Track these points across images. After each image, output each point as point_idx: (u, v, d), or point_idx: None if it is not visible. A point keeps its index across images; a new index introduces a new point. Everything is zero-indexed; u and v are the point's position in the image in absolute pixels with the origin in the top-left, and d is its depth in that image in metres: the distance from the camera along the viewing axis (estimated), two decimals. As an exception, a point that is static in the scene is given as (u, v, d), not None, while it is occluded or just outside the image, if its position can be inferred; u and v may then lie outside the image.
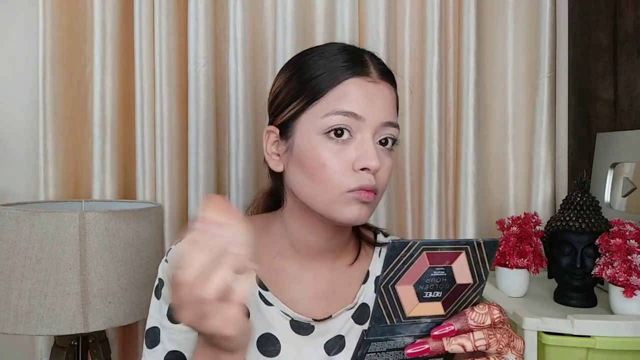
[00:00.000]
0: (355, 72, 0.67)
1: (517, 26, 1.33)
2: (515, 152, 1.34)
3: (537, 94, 1.33)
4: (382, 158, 0.67)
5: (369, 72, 0.68)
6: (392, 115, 0.69)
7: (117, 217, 1.01)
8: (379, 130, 0.67)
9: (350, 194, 0.65)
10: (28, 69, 1.31)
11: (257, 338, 0.71)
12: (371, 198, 0.66)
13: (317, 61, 0.70)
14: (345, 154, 0.65)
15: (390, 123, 0.68)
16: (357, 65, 0.68)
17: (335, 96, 0.66)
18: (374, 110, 0.66)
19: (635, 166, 1.09)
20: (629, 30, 1.12)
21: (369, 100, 0.66)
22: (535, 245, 1.06)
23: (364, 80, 0.67)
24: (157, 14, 1.25)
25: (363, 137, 0.66)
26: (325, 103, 0.67)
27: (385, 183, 0.69)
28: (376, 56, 0.73)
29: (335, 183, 0.65)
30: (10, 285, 0.96)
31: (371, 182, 0.65)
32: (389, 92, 0.69)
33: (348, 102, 0.66)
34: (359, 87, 0.67)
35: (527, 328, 0.91)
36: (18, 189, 1.34)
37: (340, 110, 0.65)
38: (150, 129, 1.27)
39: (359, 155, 0.65)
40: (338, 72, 0.67)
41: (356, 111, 0.65)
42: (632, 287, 0.89)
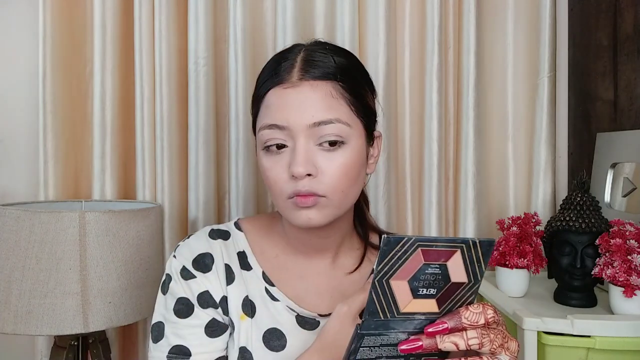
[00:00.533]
0: (273, 82, 0.69)
1: (517, 26, 1.33)
2: (515, 152, 1.34)
3: (537, 94, 1.33)
4: (324, 159, 0.67)
5: (286, 78, 0.68)
6: (321, 114, 0.66)
7: (117, 217, 1.01)
8: (311, 133, 0.66)
9: (289, 201, 0.67)
10: (28, 69, 1.31)
11: (263, 333, 0.72)
12: (311, 202, 0.66)
13: (260, 76, 0.73)
14: (281, 162, 0.67)
15: (321, 122, 0.66)
16: (277, 73, 0.69)
17: (263, 110, 0.70)
18: (295, 116, 0.66)
19: (635, 166, 1.09)
20: (629, 30, 1.12)
21: (288, 108, 0.67)
22: (535, 245, 1.06)
23: (281, 88, 0.68)
24: (157, 14, 1.25)
25: (293, 144, 0.67)
26: (259, 118, 0.71)
27: (338, 183, 0.67)
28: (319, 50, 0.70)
29: (277, 192, 0.68)
30: (10, 285, 0.96)
31: (304, 187, 0.65)
32: (311, 92, 0.67)
33: (270, 115, 0.68)
34: (277, 97, 0.68)
35: (527, 328, 0.91)
36: (18, 189, 1.34)
37: (264, 124, 0.68)
38: (150, 129, 1.27)
39: (289, 163, 0.66)
40: (263, 86, 0.70)
41: (277, 122, 0.67)
42: (632, 287, 0.89)
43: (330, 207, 0.68)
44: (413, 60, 1.32)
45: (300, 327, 0.73)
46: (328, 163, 0.66)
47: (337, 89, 0.68)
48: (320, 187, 0.66)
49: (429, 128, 1.29)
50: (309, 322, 0.73)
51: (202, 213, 1.28)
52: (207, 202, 1.28)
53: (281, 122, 0.66)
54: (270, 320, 0.73)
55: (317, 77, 0.67)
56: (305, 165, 0.65)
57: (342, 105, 0.68)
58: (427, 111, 1.29)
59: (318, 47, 0.71)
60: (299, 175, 0.65)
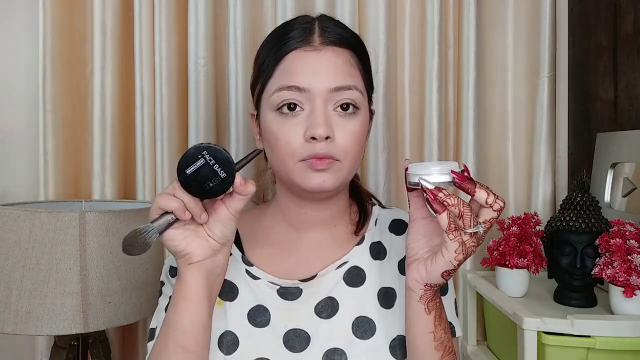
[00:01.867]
0: (295, 44, 0.69)
1: (517, 26, 1.33)
2: (515, 152, 1.34)
3: (537, 94, 1.33)
4: (340, 124, 0.68)
5: (310, 41, 0.69)
6: (342, 79, 0.68)
7: (117, 217, 1.01)
8: (330, 98, 0.68)
9: (302, 163, 0.68)
10: (28, 69, 1.31)
11: (247, 311, 0.73)
12: (326, 164, 0.67)
13: (270, 41, 0.74)
14: (296, 126, 0.68)
15: (340, 87, 0.68)
16: (298, 37, 0.69)
17: (280, 72, 0.69)
18: (318, 79, 0.67)
19: (635, 166, 1.09)
20: (629, 30, 1.12)
21: (311, 70, 0.68)
22: (535, 245, 1.07)
23: (303, 50, 0.69)
24: (157, 14, 1.25)
25: (312, 107, 0.67)
26: (273, 81, 0.70)
27: (351, 148, 0.69)
28: (332, 21, 0.73)
29: (288, 154, 0.68)
30: (10, 285, 0.96)
31: (322, 150, 0.66)
32: (334, 57, 0.69)
33: (290, 76, 0.68)
34: (299, 59, 0.69)
35: (527, 328, 0.91)
36: (18, 189, 1.34)
37: (283, 85, 0.68)
38: (150, 129, 1.27)
39: (307, 125, 0.67)
40: (281, 48, 0.70)
41: (298, 84, 0.67)
42: (632, 287, 0.89)
43: (341, 172, 0.69)
44: (413, 60, 1.32)
45: (283, 298, 0.73)
46: (342, 128, 0.68)
47: (354, 57, 0.71)
48: (336, 150, 0.67)
49: (429, 128, 1.29)
50: (291, 292, 0.74)
51: (202, 213, 1.27)
52: (207, 202, 1.28)
53: (302, 84, 0.67)
54: (254, 299, 0.74)
55: (338, 43, 0.70)
56: (325, 127, 0.66)
57: (357, 74, 0.71)
58: (427, 111, 1.29)
59: (329, 18, 0.74)
60: (319, 137, 0.66)
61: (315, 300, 0.73)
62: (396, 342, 0.71)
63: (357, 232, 0.78)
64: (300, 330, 0.71)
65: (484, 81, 1.33)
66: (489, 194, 0.57)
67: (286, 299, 0.73)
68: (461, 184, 0.58)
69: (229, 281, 0.75)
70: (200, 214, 0.60)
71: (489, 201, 0.57)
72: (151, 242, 0.60)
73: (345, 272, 0.75)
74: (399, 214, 0.82)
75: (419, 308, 0.64)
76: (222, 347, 0.71)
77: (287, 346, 0.70)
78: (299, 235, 0.78)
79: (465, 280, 1.24)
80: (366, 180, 1.28)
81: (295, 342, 0.70)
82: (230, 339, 0.71)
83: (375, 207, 0.83)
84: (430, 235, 0.63)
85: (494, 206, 0.58)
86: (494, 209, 0.58)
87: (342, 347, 0.70)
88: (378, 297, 0.74)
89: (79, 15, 1.29)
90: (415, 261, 0.63)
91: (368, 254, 0.77)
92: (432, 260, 0.61)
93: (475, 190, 0.57)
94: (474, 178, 0.59)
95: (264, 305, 0.73)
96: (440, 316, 0.65)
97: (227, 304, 0.74)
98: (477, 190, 0.57)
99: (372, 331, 0.71)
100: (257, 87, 0.74)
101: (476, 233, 0.58)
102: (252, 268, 0.76)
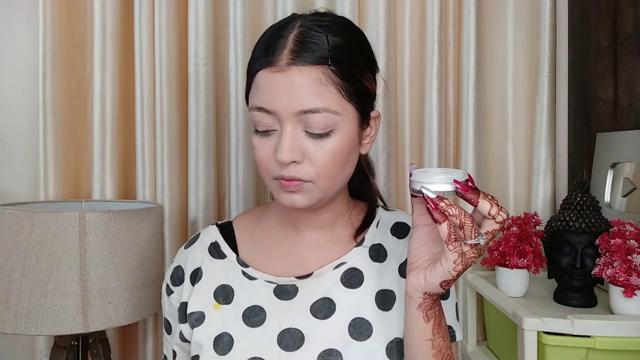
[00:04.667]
0: (262, 62, 0.66)
1: (517, 26, 1.33)
2: (515, 152, 1.34)
3: (537, 94, 1.33)
4: (312, 145, 0.65)
5: (275, 61, 0.65)
6: (308, 102, 0.64)
7: (117, 217, 1.01)
8: (300, 120, 0.65)
9: (275, 181, 0.68)
10: (28, 69, 1.31)
11: (242, 312, 0.73)
12: (294, 187, 0.66)
13: (253, 51, 0.71)
14: (269, 144, 0.67)
15: (307, 111, 0.64)
16: (266, 55, 0.66)
17: (253, 89, 0.69)
18: (282, 102, 0.64)
19: (635, 166, 1.09)
20: (629, 30, 1.12)
21: (275, 93, 0.65)
22: (535, 245, 1.06)
23: (269, 71, 0.65)
24: (157, 14, 1.25)
25: (281, 129, 0.66)
26: (250, 97, 0.70)
27: (326, 168, 0.66)
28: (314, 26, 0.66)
29: (264, 171, 0.69)
30: (10, 285, 0.96)
31: (288, 173, 0.66)
32: (299, 78, 0.64)
33: (259, 97, 0.67)
34: (265, 80, 0.66)
35: (527, 328, 0.91)
36: (18, 189, 1.34)
37: (253, 105, 0.68)
38: (150, 129, 1.27)
39: (276, 147, 0.66)
40: (253, 65, 0.69)
41: (265, 106, 0.66)
42: (632, 287, 0.89)
43: (315, 191, 0.68)
44: (413, 60, 1.32)
45: (279, 298, 0.73)
46: (315, 149, 0.66)
47: (328, 74, 0.65)
48: (305, 173, 0.66)
49: (429, 128, 1.29)
50: (287, 291, 0.73)
51: (202, 213, 1.28)
52: (207, 202, 1.28)
53: (268, 106, 0.66)
54: (249, 299, 0.74)
55: (306, 62, 0.64)
56: (289, 153, 0.65)
57: (331, 92, 0.65)
58: (427, 111, 1.29)
59: (314, 24, 0.67)
60: (282, 163, 0.65)
61: (311, 300, 0.73)
62: (393, 344, 0.70)
63: (357, 234, 0.77)
64: (294, 329, 0.71)
65: (484, 81, 1.33)
66: (492, 205, 0.56)
67: (282, 299, 0.73)
68: (464, 194, 0.57)
69: (226, 284, 0.75)
70: None
71: (492, 212, 0.56)
72: None
73: (343, 274, 0.74)
74: (401, 217, 0.81)
75: (417, 316, 0.63)
76: (218, 348, 0.71)
77: (281, 345, 0.70)
78: (298, 235, 0.77)
79: (465, 280, 1.24)
80: (366, 180, 1.28)
81: (289, 342, 0.70)
82: (226, 339, 0.71)
83: (378, 209, 0.82)
84: (432, 243, 0.63)
85: (497, 218, 0.57)
86: (496, 221, 0.57)
87: (337, 348, 0.69)
88: (376, 299, 0.73)
89: (79, 15, 1.29)
90: (416, 269, 0.62)
91: (367, 255, 0.76)
92: (432, 269, 0.60)
93: (478, 201, 0.56)
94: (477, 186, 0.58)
95: (259, 305, 0.73)
96: (440, 324, 0.64)
97: (224, 307, 0.74)
98: (481, 201, 0.56)
99: (368, 333, 0.70)
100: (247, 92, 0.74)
101: (477, 244, 0.57)
102: (247, 269, 0.76)
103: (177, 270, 0.80)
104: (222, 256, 0.78)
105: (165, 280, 0.82)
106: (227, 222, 0.84)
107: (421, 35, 1.31)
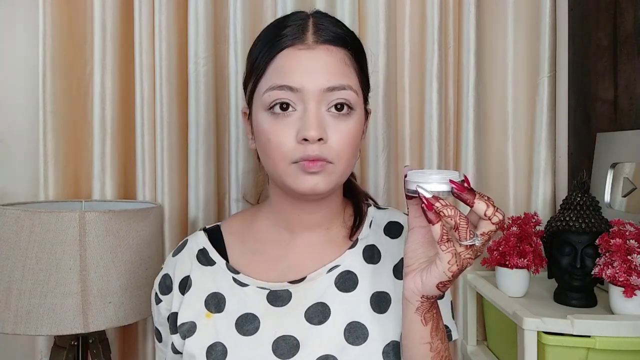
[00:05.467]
0: (287, 42, 0.67)
1: (517, 26, 1.33)
2: (515, 152, 1.34)
3: (537, 94, 1.33)
4: (333, 125, 0.66)
5: (303, 39, 0.67)
6: (336, 79, 0.66)
7: (117, 217, 1.01)
8: (323, 98, 0.66)
9: (294, 166, 0.66)
10: (28, 69, 1.31)
11: (235, 320, 0.72)
12: (318, 167, 0.65)
13: (262, 38, 0.71)
14: (288, 126, 0.66)
15: (334, 87, 0.66)
16: (291, 34, 0.67)
17: (272, 71, 0.67)
18: (310, 79, 0.65)
19: (635, 166, 1.09)
20: (629, 30, 1.12)
21: (303, 70, 0.66)
22: (535, 245, 1.06)
23: (296, 49, 0.66)
24: (157, 14, 1.25)
25: (304, 108, 0.66)
26: (265, 79, 0.68)
27: (345, 150, 0.67)
28: (327, 19, 0.71)
29: (279, 156, 0.66)
30: (10, 285, 0.96)
31: (314, 152, 0.65)
32: (328, 56, 0.67)
33: (282, 76, 0.66)
34: (291, 58, 0.66)
35: (527, 328, 0.91)
36: (18, 189, 1.33)
37: (275, 84, 0.66)
38: (150, 129, 1.27)
39: (299, 127, 0.65)
40: (274, 46, 0.68)
41: (290, 83, 0.65)
42: (632, 287, 0.89)
43: (335, 174, 0.68)
44: (413, 60, 1.32)
45: (272, 305, 0.72)
46: (336, 129, 0.66)
47: (349, 56, 0.69)
48: (329, 153, 0.66)
49: (429, 128, 1.29)
50: (281, 297, 0.72)
51: (202, 213, 1.28)
52: (207, 202, 1.28)
53: (294, 83, 0.65)
54: (241, 307, 0.73)
55: (332, 42, 0.68)
56: (318, 129, 0.64)
57: (351, 73, 0.69)
58: (427, 111, 1.29)
59: (324, 15, 0.71)
60: (311, 139, 0.64)
61: (305, 306, 0.72)
62: (390, 347, 0.69)
63: (351, 235, 0.77)
64: (289, 336, 0.70)
65: (484, 81, 1.33)
66: (488, 205, 0.56)
67: (275, 306, 0.72)
68: (460, 194, 0.56)
69: (216, 292, 0.74)
70: None
71: (487, 213, 0.56)
72: None
73: (337, 277, 0.73)
74: (394, 216, 0.80)
75: (415, 319, 0.62)
76: (211, 358, 0.70)
77: (276, 353, 0.69)
78: (291, 237, 0.76)
79: (465, 280, 1.24)
80: (366, 180, 1.28)
81: (285, 349, 0.69)
82: (220, 349, 0.70)
83: (370, 208, 0.81)
84: (427, 245, 0.62)
85: (493, 219, 0.56)
86: (492, 222, 0.56)
87: (334, 354, 0.68)
88: (371, 302, 0.72)
89: (79, 15, 1.29)
90: (412, 272, 0.62)
91: (361, 257, 0.75)
92: (428, 271, 0.59)
93: (474, 201, 0.56)
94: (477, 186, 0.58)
95: (252, 312, 0.72)
96: (437, 327, 0.64)
97: (216, 315, 0.73)
98: (476, 201, 0.56)
99: (364, 337, 0.69)
100: (249, 84, 0.73)
101: (472, 245, 0.56)
102: (238, 275, 0.75)
103: (165, 278, 0.79)
104: (211, 263, 0.77)
105: (153, 288, 0.81)
106: (215, 227, 0.82)
107: (421, 35, 1.31)
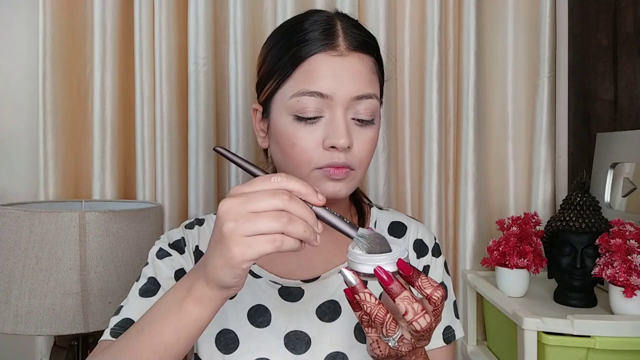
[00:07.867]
0: (320, 47, 0.66)
1: (517, 26, 1.33)
2: (515, 152, 1.34)
3: (537, 94, 1.33)
4: (357, 133, 0.67)
5: (336, 46, 0.66)
6: (365, 88, 0.66)
7: (117, 217, 1.01)
8: (351, 106, 0.66)
9: (318, 171, 0.66)
10: (28, 69, 1.31)
11: (247, 310, 0.72)
12: (343, 174, 0.66)
13: (285, 36, 0.69)
14: (315, 132, 0.65)
15: (363, 96, 0.66)
16: (324, 39, 0.66)
17: (302, 74, 0.66)
18: (342, 87, 0.65)
19: (635, 166, 1.09)
20: (629, 30, 1.12)
21: (335, 77, 0.65)
22: (535, 245, 1.07)
23: (330, 55, 0.66)
24: (157, 14, 1.25)
25: (332, 115, 0.65)
26: (293, 82, 0.66)
27: (366, 157, 0.68)
28: (352, 23, 0.70)
29: (304, 161, 0.66)
30: (10, 285, 0.96)
31: (340, 160, 0.65)
32: (359, 64, 0.67)
33: (313, 81, 0.65)
34: (324, 64, 0.65)
35: (527, 328, 0.91)
36: (18, 189, 1.34)
37: (305, 90, 0.65)
38: (150, 129, 1.27)
39: (328, 133, 0.65)
40: (305, 48, 0.66)
41: (322, 90, 0.65)
42: (632, 287, 0.89)
43: (355, 180, 0.69)
44: (413, 60, 1.32)
45: (284, 299, 0.73)
46: (360, 137, 0.67)
47: (376, 64, 0.70)
48: (353, 160, 0.67)
49: (429, 128, 1.29)
50: (293, 293, 0.73)
51: (202, 213, 1.28)
52: (207, 202, 1.28)
53: (325, 90, 0.65)
54: (253, 298, 0.73)
55: (362, 49, 0.68)
56: (347, 137, 0.65)
57: (376, 82, 0.69)
58: (427, 111, 1.29)
59: (349, 18, 0.71)
60: (341, 147, 0.64)
61: (317, 303, 0.73)
62: None
63: None
64: (301, 332, 0.71)
65: (484, 81, 1.33)
66: (407, 311, 0.50)
67: (287, 300, 0.73)
68: (384, 287, 0.51)
69: None
70: None
71: (407, 318, 0.51)
72: None
73: None
74: (397, 216, 0.81)
75: None
76: (220, 345, 0.70)
77: (288, 347, 0.70)
78: None
79: (465, 280, 1.24)
80: (366, 180, 1.28)
81: (296, 344, 0.70)
82: (230, 337, 0.71)
83: (373, 209, 0.82)
84: None
85: (414, 325, 0.50)
86: (414, 329, 0.50)
87: (344, 351, 0.69)
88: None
89: (79, 15, 1.29)
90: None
91: None
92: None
93: (396, 298, 0.50)
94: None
95: (264, 305, 0.73)
96: None
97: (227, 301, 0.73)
98: (398, 301, 0.50)
99: None
100: (269, 84, 0.71)
101: (402, 337, 0.52)
102: (253, 266, 0.75)
103: (180, 241, 0.75)
104: None
105: (157, 245, 0.75)
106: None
107: (421, 35, 1.31)
